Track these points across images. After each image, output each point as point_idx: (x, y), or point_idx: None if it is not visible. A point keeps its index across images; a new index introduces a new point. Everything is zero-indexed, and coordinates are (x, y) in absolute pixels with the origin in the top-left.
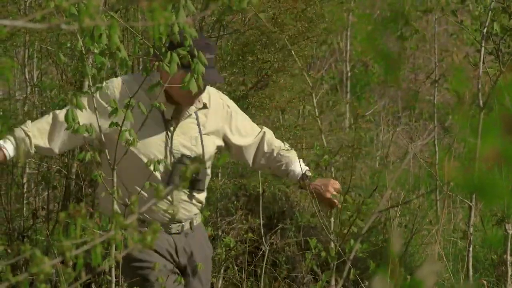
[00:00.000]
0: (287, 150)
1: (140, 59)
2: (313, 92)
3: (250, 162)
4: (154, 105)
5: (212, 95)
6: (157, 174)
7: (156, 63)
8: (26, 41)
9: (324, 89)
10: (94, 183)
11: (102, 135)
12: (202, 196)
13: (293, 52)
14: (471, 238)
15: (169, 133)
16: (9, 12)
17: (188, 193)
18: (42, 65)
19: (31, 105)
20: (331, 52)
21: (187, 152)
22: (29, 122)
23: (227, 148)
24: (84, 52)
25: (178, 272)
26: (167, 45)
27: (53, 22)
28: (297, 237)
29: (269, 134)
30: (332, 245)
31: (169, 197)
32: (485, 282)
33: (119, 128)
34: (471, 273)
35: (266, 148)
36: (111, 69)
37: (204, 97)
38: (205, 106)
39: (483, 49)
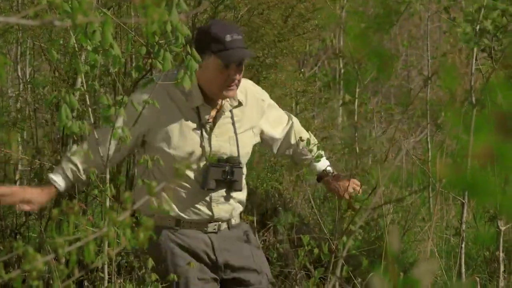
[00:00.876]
0: (314, 144)
1: (133, 56)
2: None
3: (275, 150)
4: (147, 102)
5: (249, 90)
6: (192, 176)
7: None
8: (19, 38)
9: (317, 86)
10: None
11: (141, 141)
12: (241, 195)
13: (281, 48)
14: (464, 235)
15: (205, 135)
16: (2, 9)
17: (225, 193)
18: (35, 62)
19: (23, 102)
20: (324, 49)
21: (226, 152)
22: (74, 146)
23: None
24: (77, 49)
25: (215, 277)
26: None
27: (46, 19)
28: (289, 234)
29: (297, 123)
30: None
31: (206, 198)
32: (478, 279)
33: (158, 132)
34: (463, 270)
35: (293, 140)
36: (104, 66)
37: (240, 92)
38: (240, 104)
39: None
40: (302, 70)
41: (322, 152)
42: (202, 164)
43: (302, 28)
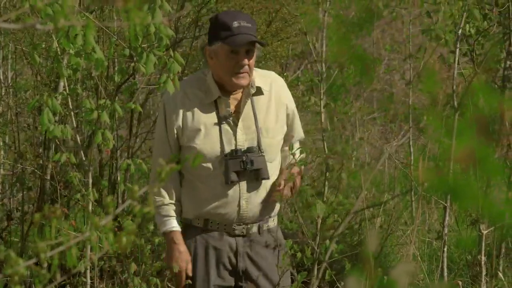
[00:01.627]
0: (297, 148)
1: (116, 60)
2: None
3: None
4: (128, 106)
5: (274, 84)
6: (217, 173)
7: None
8: (1, 41)
9: (300, 90)
10: (69, 185)
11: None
12: (273, 197)
13: (264, 53)
14: (446, 239)
15: (229, 129)
16: None
17: (252, 188)
18: (17, 66)
19: (5, 106)
20: (307, 53)
21: (254, 143)
22: (163, 192)
23: None
24: (59, 53)
25: (231, 285)
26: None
27: (28, 22)
28: None
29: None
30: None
31: (234, 194)
32: (460, 283)
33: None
34: (445, 273)
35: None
36: (86, 70)
37: (265, 82)
38: (260, 92)
39: (457, 50)
40: (285, 74)
41: (304, 155)
42: (219, 159)
43: (285, 32)
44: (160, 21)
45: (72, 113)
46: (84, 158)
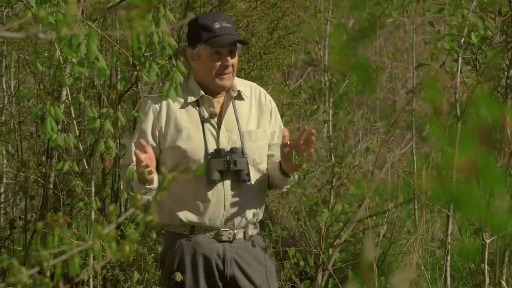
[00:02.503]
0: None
1: (118, 68)
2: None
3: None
4: (131, 114)
5: (253, 87)
6: (200, 175)
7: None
8: (3, 50)
9: (303, 98)
10: (72, 193)
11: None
12: (256, 198)
13: (266, 61)
14: (449, 247)
15: (211, 129)
16: None
17: (236, 189)
18: (20, 74)
19: (8, 114)
20: (316, 60)
21: (236, 145)
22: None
23: None
24: (62, 61)
25: None
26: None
27: (30, 31)
28: (275, 247)
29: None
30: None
31: (218, 197)
32: None
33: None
34: (449, 282)
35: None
36: (89, 79)
37: (244, 86)
38: (240, 96)
39: (460, 58)
40: (288, 82)
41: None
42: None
43: (287, 40)
44: (165, 28)
45: (75, 122)
46: (87, 167)
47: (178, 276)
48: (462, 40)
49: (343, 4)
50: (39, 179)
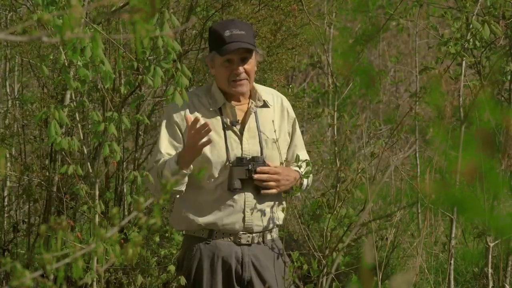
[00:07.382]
0: (302, 161)
1: (122, 72)
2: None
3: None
4: (136, 118)
5: (275, 95)
6: (221, 181)
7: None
8: (7, 54)
9: (306, 102)
10: (75, 196)
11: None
12: (275, 203)
13: (270, 62)
14: (453, 251)
15: (234, 136)
16: None
17: (257, 198)
18: (23, 78)
19: (12, 118)
20: (321, 63)
21: (258, 154)
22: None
23: None
24: (67, 64)
25: None
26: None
27: (34, 35)
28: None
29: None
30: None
31: (239, 203)
32: None
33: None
34: (452, 286)
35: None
36: (93, 82)
37: (267, 93)
38: (265, 104)
39: (463, 62)
40: (291, 85)
41: (310, 168)
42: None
43: (291, 42)
44: (169, 33)
45: (79, 125)
46: (90, 170)
47: (182, 280)
48: (466, 44)
49: (347, 7)
50: (42, 183)
